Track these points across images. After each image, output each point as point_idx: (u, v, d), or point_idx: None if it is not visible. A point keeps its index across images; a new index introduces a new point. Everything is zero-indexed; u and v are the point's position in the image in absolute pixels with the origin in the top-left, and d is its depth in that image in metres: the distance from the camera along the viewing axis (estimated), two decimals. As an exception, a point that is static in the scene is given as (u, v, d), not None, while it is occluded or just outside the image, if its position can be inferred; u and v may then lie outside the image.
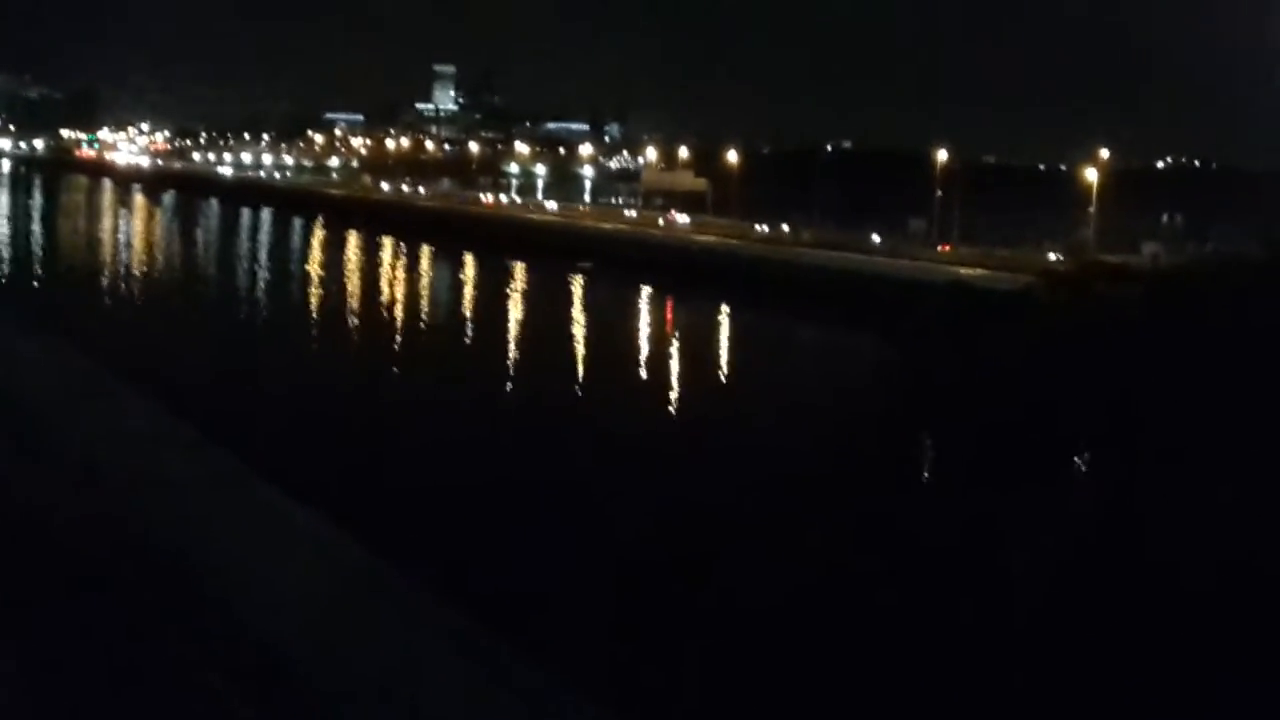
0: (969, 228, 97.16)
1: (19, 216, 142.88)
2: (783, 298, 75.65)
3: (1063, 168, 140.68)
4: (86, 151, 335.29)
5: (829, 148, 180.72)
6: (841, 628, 23.03)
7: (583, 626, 21.65)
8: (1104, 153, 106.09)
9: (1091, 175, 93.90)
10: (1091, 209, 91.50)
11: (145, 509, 19.99)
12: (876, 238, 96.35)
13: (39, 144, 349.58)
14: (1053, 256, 78.53)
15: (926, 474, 38.86)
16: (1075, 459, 39.87)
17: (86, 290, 75.66)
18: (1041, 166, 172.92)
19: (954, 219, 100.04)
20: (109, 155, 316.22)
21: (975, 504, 32.07)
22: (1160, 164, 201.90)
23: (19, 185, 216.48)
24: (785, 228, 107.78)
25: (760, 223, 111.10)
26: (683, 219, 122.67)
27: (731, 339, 66.46)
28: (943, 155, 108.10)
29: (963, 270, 76.24)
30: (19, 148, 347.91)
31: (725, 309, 73.67)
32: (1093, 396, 41.65)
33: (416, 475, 32.51)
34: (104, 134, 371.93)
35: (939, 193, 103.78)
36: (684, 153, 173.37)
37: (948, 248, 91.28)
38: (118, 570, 17.12)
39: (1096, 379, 42.95)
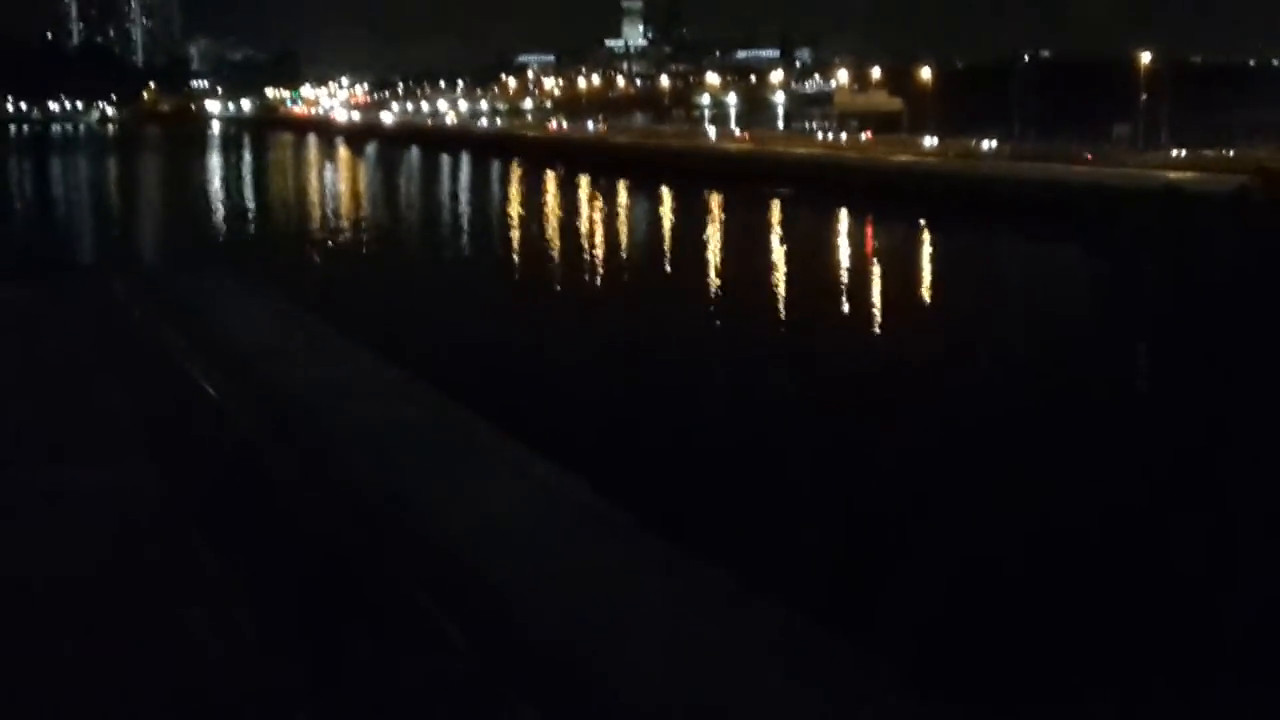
0: (1178, 130, 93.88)
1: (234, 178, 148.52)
2: (986, 214, 74.37)
3: (1275, 62, 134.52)
4: (298, 109, 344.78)
5: (1026, 58, 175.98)
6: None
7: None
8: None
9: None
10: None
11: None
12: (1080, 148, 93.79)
13: (246, 104, 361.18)
14: (1268, 154, 75.67)
15: (1148, 386, 37.56)
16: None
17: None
18: (1252, 62, 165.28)
19: (1162, 122, 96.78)
20: (321, 110, 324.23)
21: (1199, 415, 31.23)
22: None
23: (230, 146, 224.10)
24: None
25: (958, 138, 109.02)
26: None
27: (937, 258, 65.29)
28: (1146, 57, 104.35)
29: (1173, 174, 73.99)
30: (227, 109, 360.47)
31: (926, 229, 72.74)
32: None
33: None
34: (306, 90, 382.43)
35: (1144, 96, 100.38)
36: (876, 73, 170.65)
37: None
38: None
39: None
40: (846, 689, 13.17)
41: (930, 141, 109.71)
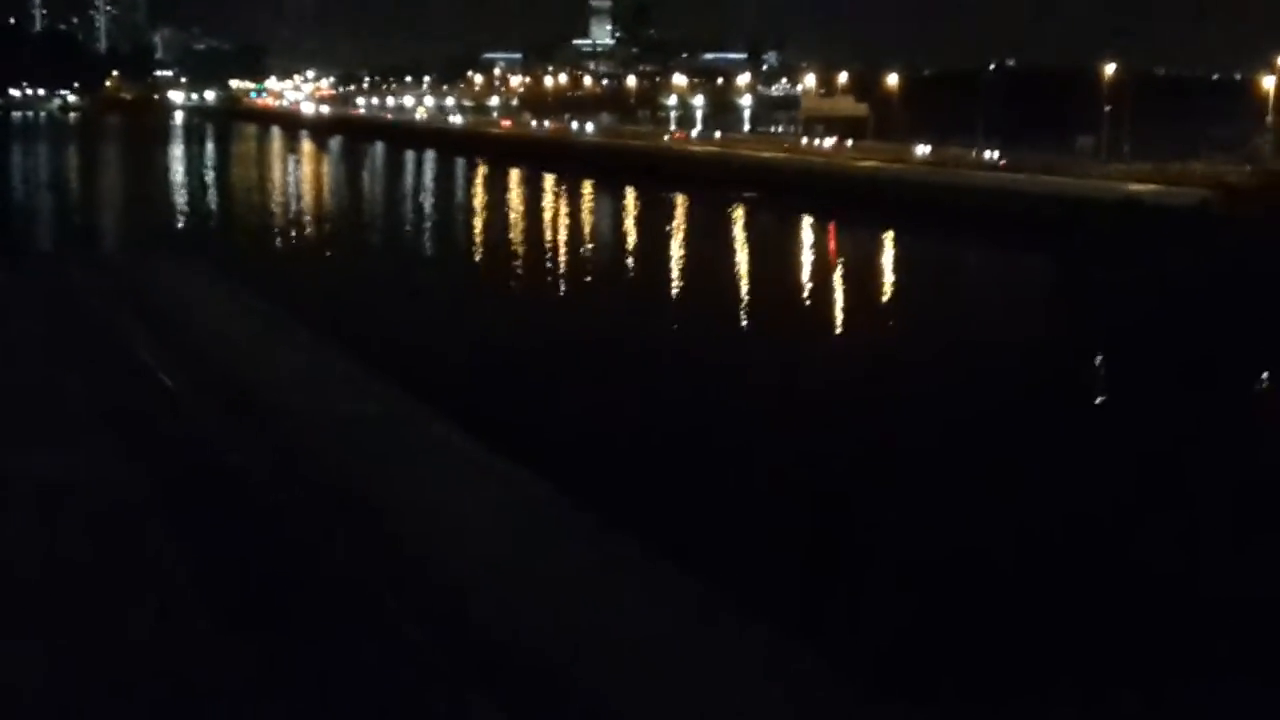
0: (1140, 142, 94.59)
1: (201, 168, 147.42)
2: (949, 221, 74.74)
3: (1237, 77, 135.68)
4: (265, 101, 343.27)
5: (992, 66, 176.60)
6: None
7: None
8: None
9: (1269, 83, 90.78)
10: (1269, 119, 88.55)
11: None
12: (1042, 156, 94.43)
13: (210, 95, 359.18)
14: (1229, 169, 76.43)
15: (1102, 399, 37.20)
16: (1261, 383, 38.01)
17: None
18: (1215, 76, 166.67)
19: (1124, 134, 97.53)
20: (285, 103, 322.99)
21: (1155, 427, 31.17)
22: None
23: (193, 136, 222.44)
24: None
25: (923, 145, 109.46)
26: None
27: (892, 264, 65.70)
28: (1110, 69, 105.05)
29: (1134, 186, 74.56)
30: (190, 99, 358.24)
31: (890, 234, 72.98)
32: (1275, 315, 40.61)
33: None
34: (270, 82, 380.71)
35: (1107, 108, 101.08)
36: (843, 78, 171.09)
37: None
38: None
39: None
40: (820, 695, 13.06)
41: (923, 150, 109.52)
